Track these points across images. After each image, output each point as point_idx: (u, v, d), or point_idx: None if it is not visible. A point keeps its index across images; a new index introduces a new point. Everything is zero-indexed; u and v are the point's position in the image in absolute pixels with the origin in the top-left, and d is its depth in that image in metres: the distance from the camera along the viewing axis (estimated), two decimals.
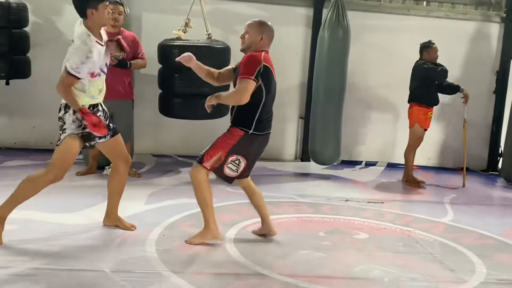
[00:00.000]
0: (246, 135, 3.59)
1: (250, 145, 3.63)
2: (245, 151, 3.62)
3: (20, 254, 3.29)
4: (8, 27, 5.46)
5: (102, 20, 3.53)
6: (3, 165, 5.63)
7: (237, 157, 3.60)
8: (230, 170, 3.63)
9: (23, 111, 6.45)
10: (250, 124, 3.59)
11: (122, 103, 5.34)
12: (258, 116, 3.59)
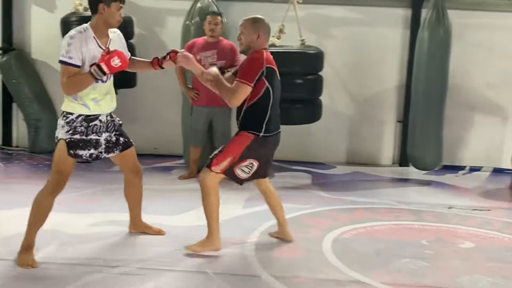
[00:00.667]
0: (257, 138, 3.46)
1: (262, 147, 3.52)
2: (257, 154, 3.49)
3: (128, 254, 3.48)
4: None
5: (111, 19, 3.35)
6: (112, 169, 5.98)
7: (250, 161, 3.49)
8: (242, 172, 3.52)
9: (129, 118, 6.80)
10: (260, 127, 3.46)
11: (220, 110, 5.49)
12: (268, 117, 3.46)
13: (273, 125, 3.51)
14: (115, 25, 3.44)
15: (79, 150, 3.36)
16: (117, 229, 3.92)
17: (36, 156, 6.42)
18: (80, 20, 5.61)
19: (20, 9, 6.66)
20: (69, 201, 4.53)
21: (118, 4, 3.37)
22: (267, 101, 3.44)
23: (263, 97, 3.43)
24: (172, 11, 6.54)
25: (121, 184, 5.19)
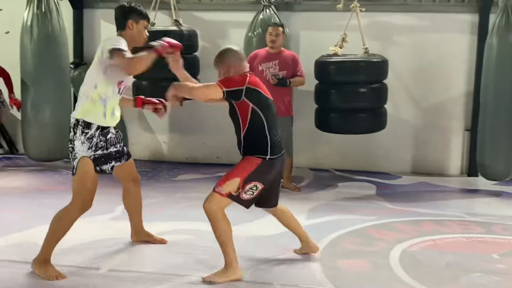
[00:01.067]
0: (264, 161, 3.31)
1: (270, 170, 3.36)
2: (262, 177, 3.33)
3: (196, 263, 3.52)
4: (181, 53, 5.94)
5: (138, 36, 3.36)
6: (177, 178, 6.13)
7: (255, 184, 3.32)
8: (247, 195, 3.34)
9: (194, 128, 6.97)
10: (266, 150, 3.32)
11: (282, 120, 5.47)
12: (270, 139, 3.33)
13: (277, 146, 3.39)
14: (142, 42, 3.44)
15: (103, 165, 3.39)
16: (183, 237, 3.98)
17: None
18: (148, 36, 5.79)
19: (90, 25, 6.96)
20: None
21: (145, 23, 3.41)
22: (260, 123, 3.31)
23: (254, 120, 3.30)
24: (234, 23, 6.63)
25: (185, 193, 5.34)
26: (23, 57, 6.16)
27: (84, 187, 3.27)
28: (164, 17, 6.32)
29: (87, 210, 3.34)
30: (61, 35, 6.21)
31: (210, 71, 6.56)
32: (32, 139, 6.29)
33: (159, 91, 5.92)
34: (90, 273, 3.30)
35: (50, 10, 6.07)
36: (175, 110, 6.77)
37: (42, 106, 6.16)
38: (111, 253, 3.61)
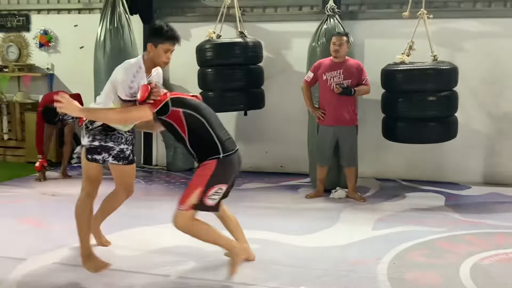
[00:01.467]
0: (219, 161, 3.29)
1: (228, 167, 3.35)
2: (223, 178, 3.33)
3: (261, 273, 3.55)
4: (246, 64, 6.06)
5: (157, 59, 3.41)
6: (242, 187, 6.19)
7: (219, 187, 3.32)
8: (211, 200, 3.33)
9: (258, 137, 7.04)
10: (216, 149, 3.30)
11: (347, 129, 5.47)
12: (217, 137, 3.31)
13: (228, 143, 3.38)
14: (161, 65, 3.52)
15: (95, 155, 3.55)
16: (253, 247, 4.02)
17: (173, 174, 6.85)
18: (214, 48, 5.94)
19: None
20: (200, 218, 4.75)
21: (166, 46, 3.40)
22: (200, 124, 3.30)
23: (191, 123, 3.29)
24: (298, 33, 6.66)
25: (250, 202, 5.39)
26: (97, 70, 6.46)
27: (85, 174, 3.62)
28: (229, 29, 6.45)
29: (94, 196, 3.64)
30: (132, 49, 6.46)
31: (274, 81, 6.69)
32: None
33: (225, 101, 6.09)
34: (161, 280, 3.40)
35: (122, 26, 6.34)
36: (239, 119, 6.91)
37: None
38: (180, 261, 3.70)
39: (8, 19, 7.75)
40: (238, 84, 6.05)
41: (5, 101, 7.66)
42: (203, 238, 3.41)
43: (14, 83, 7.76)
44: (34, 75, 7.61)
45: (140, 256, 3.78)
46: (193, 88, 6.71)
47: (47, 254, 3.79)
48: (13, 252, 3.83)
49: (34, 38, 7.70)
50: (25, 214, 4.85)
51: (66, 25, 7.53)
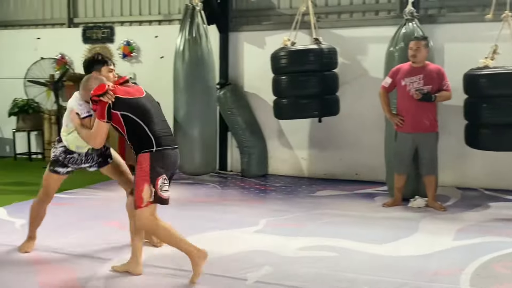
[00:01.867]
0: (152, 154, 3.43)
1: (162, 159, 3.46)
2: (162, 169, 3.44)
3: (340, 281, 3.49)
4: (321, 70, 6.04)
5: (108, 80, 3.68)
6: (315, 194, 6.17)
7: (162, 177, 3.43)
8: (164, 192, 3.44)
9: (332, 144, 6.99)
10: (150, 143, 3.44)
11: (426, 136, 5.30)
12: (152, 133, 3.45)
13: (163, 139, 3.50)
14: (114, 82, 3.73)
15: (57, 167, 3.90)
16: (326, 254, 3.99)
17: (247, 180, 6.93)
18: (289, 55, 5.98)
19: (234, 48, 7.34)
20: (276, 224, 4.79)
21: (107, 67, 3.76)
22: (135, 123, 3.45)
23: (129, 125, 3.45)
24: (374, 38, 6.56)
25: (325, 210, 5.36)
26: (176, 79, 6.67)
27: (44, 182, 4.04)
28: (304, 36, 6.46)
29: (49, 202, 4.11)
30: (209, 58, 6.63)
31: (349, 87, 6.63)
32: (182, 154, 6.74)
33: (299, 108, 6.10)
34: (238, 284, 3.44)
35: (200, 35, 6.52)
36: (313, 126, 6.88)
37: (192, 123, 6.60)
38: (257, 265, 3.73)
39: (94, 31, 8.19)
40: (313, 91, 6.04)
41: None
42: (163, 239, 3.62)
43: None
44: None
45: (217, 260, 3.84)
46: (267, 96, 6.81)
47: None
48: (100, 252, 4.01)
49: (117, 49, 8.08)
50: (110, 216, 5.08)
51: (147, 36, 7.85)
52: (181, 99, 6.61)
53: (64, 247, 4.11)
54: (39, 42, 8.45)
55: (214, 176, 7.16)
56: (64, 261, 3.86)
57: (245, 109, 7.20)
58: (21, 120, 8.35)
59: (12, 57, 8.50)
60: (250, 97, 7.31)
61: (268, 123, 7.15)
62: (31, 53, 8.32)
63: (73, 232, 4.54)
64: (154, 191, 3.41)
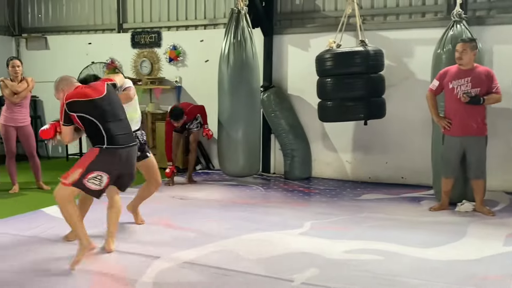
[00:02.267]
0: (102, 150, 3.75)
1: (111, 159, 3.77)
2: (105, 167, 3.75)
3: (387, 284, 3.46)
4: (367, 73, 6.00)
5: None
6: (360, 197, 6.12)
7: (98, 173, 3.73)
8: (93, 184, 3.73)
9: (377, 147, 6.92)
10: (103, 141, 3.75)
11: (474, 139, 5.19)
12: (106, 133, 3.75)
13: (117, 138, 3.80)
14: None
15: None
16: (372, 257, 3.96)
17: (290, 183, 6.95)
18: (334, 57, 5.97)
19: (278, 51, 7.37)
20: (321, 227, 4.79)
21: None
22: (91, 122, 3.75)
23: (86, 124, 3.77)
24: (421, 40, 6.47)
25: (370, 213, 5.31)
26: (221, 82, 6.76)
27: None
28: (350, 39, 6.44)
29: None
30: (253, 61, 6.69)
31: (395, 90, 6.56)
32: (226, 156, 6.85)
33: (344, 111, 6.07)
34: (284, 285, 3.46)
35: (244, 39, 6.59)
36: (359, 129, 6.84)
37: (236, 126, 6.68)
38: (303, 267, 3.74)
39: (142, 36, 8.39)
40: (358, 93, 6.01)
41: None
42: (65, 216, 3.80)
43: (146, 95, 8.36)
44: (164, 88, 8.15)
45: (263, 261, 3.88)
46: (311, 98, 6.81)
47: (178, 254, 4.03)
48: (148, 250, 4.12)
49: (164, 53, 8.25)
50: (156, 215, 5.21)
51: (193, 40, 7.99)
52: (226, 102, 6.70)
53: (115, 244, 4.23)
54: (90, 47, 8.73)
55: (257, 178, 7.21)
56: (114, 258, 3.98)
57: (289, 112, 7.22)
58: None
59: (64, 62, 8.81)
60: (294, 100, 7.32)
61: (312, 125, 7.15)
62: (83, 57, 8.61)
63: (123, 230, 4.66)
64: (80, 179, 3.70)
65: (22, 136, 6.43)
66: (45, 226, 4.79)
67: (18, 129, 6.38)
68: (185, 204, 5.74)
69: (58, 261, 3.90)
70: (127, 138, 3.91)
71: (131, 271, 3.70)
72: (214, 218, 5.13)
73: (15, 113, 6.33)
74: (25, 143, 6.48)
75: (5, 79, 6.34)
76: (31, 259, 3.96)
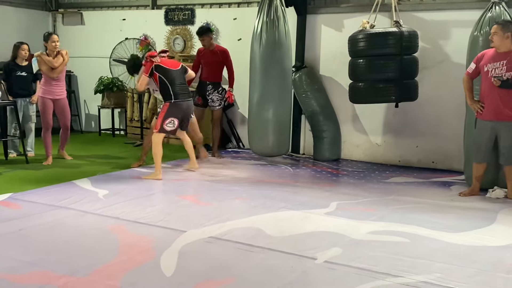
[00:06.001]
0: (171, 103, 5.82)
1: (177, 108, 5.85)
2: (174, 114, 5.82)
3: (410, 267, 3.46)
4: (400, 54, 5.89)
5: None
6: (389, 180, 6.07)
7: (171, 119, 5.80)
8: (168, 127, 5.82)
9: (408, 131, 6.83)
10: (170, 98, 5.83)
11: (507, 124, 5.06)
12: (172, 91, 5.83)
13: (179, 95, 5.87)
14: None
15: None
16: (397, 239, 3.94)
17: (319, 164, 6.93)
18: (367, 38, 5.88)
19: (312, 31, 7.29)
20: (347, 207, 4.78)
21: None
22: (164, 84, 5.83)
23: (160, 83, 5.83)
24: (458, 22, 6.30)
25: (398, 196, 5.27)
26: (252, 61, 6.75)
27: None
28: (384, 19, 6.32)
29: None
30: (286, 40, 6.65)
31: (429, 72, 6.43)
32: (256, 135, 6.87)
33: (375, 92, 6.00)
34: (308, 262, 3.49)
35: (277, 18, 6.55)
36: (390, 111, 6.75)
37: (266, 105, 6.68)
38: (327, 246, 3.76)
39: (175, 13, 8.42)
40: (391, 75, 5.92)
41: None
42: (153, 151, 5.82)
43: None
44: None
45: (288, 238, 3.91)
46: (343, 79, 6.75)
47: (205, 228, 4.10)
48: (175, 224, 4.20)
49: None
50: (185, 191, 5.29)
51: (226, 18, 7.98)
52: (257, 81, 6.69)
53: (143, 217, 4.33)
54: (124, 23, 8.82)
55: (286, 158, 7.21)
56: (142, 230, 4.07)
57: (320, 93, 7.16)
58: (106, 97, 8.79)
59: (99, 37, 8.95)
60: (326, 81, 7.26)
61: (342, 107, 7.09)
62: (117, 33, 8.71)
63: (152, 204, 4.76)
64: (161, 126, 5.77)
65: (59, 108, 6.62)
66: (75, 197, 4.92)
67: (55, 101, 6.55)
68: (214, 181, 5.80)
69: (86, 232, 4.01)
70: (186, 96, 5.94)
71: (157, 243, 3.78)
72: (241, 195, 5.17)
73: (53, 86, 6.51)
74: (61, 115, 6.68)
75: (42, 54, 6.48)
76: (60, 229, 4.08)
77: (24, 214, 4.40)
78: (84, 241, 3.82)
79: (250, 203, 4.87)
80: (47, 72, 6.44)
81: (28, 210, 4.51)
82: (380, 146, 7.03)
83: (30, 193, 5.05)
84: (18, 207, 4.59)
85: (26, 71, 6.79)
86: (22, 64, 6.81)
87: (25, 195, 4.95)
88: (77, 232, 4.01)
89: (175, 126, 5.81)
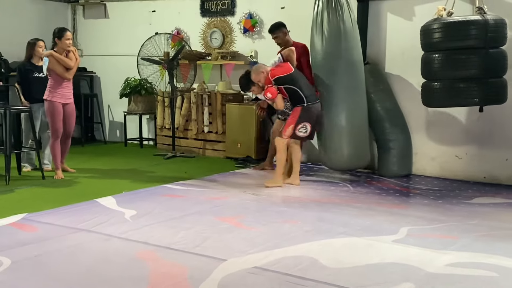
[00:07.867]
0: (303, 107, 6.32)
1: (310, 112, 6.34)
2: (307, 118, 6.32)
3: None
4: (485, 47, 5.79)
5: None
6: (472, 201, 5.95)
7: (304, 124, 6.30)
8: (301, 132, 6.33)
9: (495, 141, 6.69)
10: (302, 100, 6.32)
11: None
12: (304, 94, 6.32)
13: (310, 98, 6.37)
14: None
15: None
16: (483, 273, 3.86)
17: (385, 180, 6.87)
18: (444, 27, 5.82)
19: (375, 20, 7.28)
20: (419, 234, 4.72)
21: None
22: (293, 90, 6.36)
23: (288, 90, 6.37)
24: None
25: (484, 220, 5.17)
26: (313, 56, 6.82)
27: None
28: (464, 5, 6.24)
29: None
30: (353, 30, 6.71)
31: None
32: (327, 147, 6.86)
33: (455, 94, 5.92)
34: None
35: (340, 5, 6.60)
36: (472, 117, 6.63)
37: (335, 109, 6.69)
38: (396, 281, 3.71)
39: (213, 2, 8.57)
40: (473, 73, 5.84)
41: (207, 91, 8.46)
42: (278, 158, 6.42)
43: (216, 71, 8.55)
44: (237, 63, 8.29)
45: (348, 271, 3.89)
46: (414, 78, 6.70)
47: (248, 257, 4.12)
48: (213, 251, 4.24)
49: (238, 23, 8.39)
50: (225, 212, 5.34)
51: (272, 8, 8.06)
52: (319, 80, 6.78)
53: (176, 242, 4.40)
54: (153, 15, 9.04)
55: (345, 174, 7.19)
56: (175, 257, 4.13)
57: (385, 94, 7.14)
58: (132, 102, 9.00)
59: (125, 32, 9.20)
60: (392, 80, 7.22)
61: (414, 111, 7.03)
62: (146, 27, 8.92)
63: (186, 227, 4.83)
64: (293, 132, 6.30)
65: (66, 114, 6.86)
66: (98, 218, 5.04)
67: (64, 106, 6.78)
68: (258, 200, 5.84)
69: (111, 259, 4.11)
70: (315, 96, 6.49)
71: (193, 273, 3.82)
72: (291, 218, 5.18)
73: (64, 89, 6.77)
74: (67, 121, 6.90)
75: (54, 54, 6.67)
76: (81, 255, 4.20)
77: (40, 237, 4.54)
78: (108, 270, 3.91)
79: (302, 228, 4.87)
80: (62, 74, 6.65)
81: (44, 233, 4.66)
82: (461, 159, 6.93)
83: (47, 213, 5.21)
84: (34, 230, 4.75)
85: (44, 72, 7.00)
86: (39, 64, 7.05)
87: (42, 216, 5.12)
88: (100, 259, 4.11)
89: (307, 132, 6.37)
